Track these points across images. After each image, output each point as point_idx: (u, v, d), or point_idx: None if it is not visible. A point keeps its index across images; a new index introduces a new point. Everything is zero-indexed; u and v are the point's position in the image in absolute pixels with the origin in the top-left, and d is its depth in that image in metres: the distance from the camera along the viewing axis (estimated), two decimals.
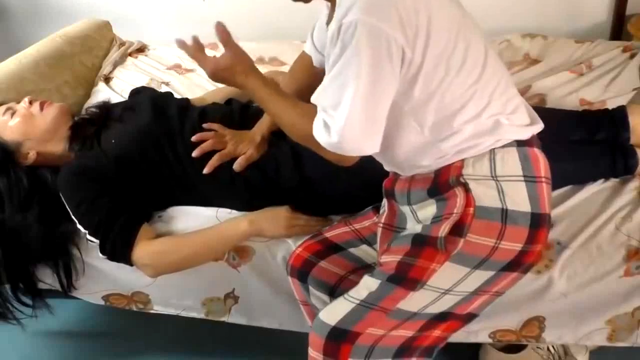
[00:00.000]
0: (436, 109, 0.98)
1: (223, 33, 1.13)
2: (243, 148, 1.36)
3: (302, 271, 1.25)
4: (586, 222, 1.27)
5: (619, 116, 1.41)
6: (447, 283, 1.02)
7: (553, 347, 1.50)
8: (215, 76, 1.16)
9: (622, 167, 1.36)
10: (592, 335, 1.28)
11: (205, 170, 1.34)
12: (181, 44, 1.17)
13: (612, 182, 1.36)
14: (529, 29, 2.01)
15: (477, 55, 0.99)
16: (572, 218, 1.28)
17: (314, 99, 0.99)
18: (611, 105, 1.51)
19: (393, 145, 1.03)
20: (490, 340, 1.33)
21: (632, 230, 1.24)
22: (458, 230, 1.00)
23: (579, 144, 1.40)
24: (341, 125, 0.93)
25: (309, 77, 1.33)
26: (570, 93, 1.66)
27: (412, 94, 0.96)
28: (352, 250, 1.24)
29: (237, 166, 1.34)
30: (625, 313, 1.25)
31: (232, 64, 1.13)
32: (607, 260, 1.22)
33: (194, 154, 1.35)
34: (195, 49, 1.17)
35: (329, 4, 1.09)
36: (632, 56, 1.75)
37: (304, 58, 1.34)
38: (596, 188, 1.35)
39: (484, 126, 1.00)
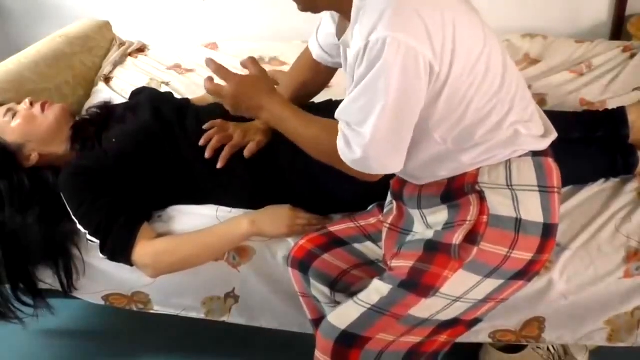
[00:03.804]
0: (460, 121, 0.97)
1: (249, 58, 1.20)
2: (251, 136, 1.36)
3: (303, 262, 1.24)
4: (586, 223, 1.27)
5: (618, 114, 1.41)
6: (459, 291, 1.02)
7: (553, 347, 1.50)
8: (237, 92, 1.15)
9: (622, 166, 1.36)
10: (592, 336, 1.28)
11: (219, 165, 1.34)
12: (208, 61, 1.19)
13: (612, 182, 1.36)
14: (529, 29, 2.01)
15: (497, 62, 0.97)
16: (572, 219, 1.28)
17: (337, 114, 0.98)
18: (611, 105, 1.51)
19: (411, 158, 1.01)
20: (490, 341, 1.33)
21: (631, 232, 1.24)
22: (472, 238, 1.00)
23: (578, 143, 1.40)
24: (367, 142, 0.92)
25: (313, 71, 1.35)
26: (570, 93, 1.66)
27: (437, 106, 0.94)
28: (356, 245, 1.24)
29: (247, 152, 1.33)
30: (625, 313, 1.25)
31: (259, 80, 1.16)
32: (607, 262, 1.22)
33: (207, 155, 1.34)
34: (220, 66, 1.19)
35: (338, 15, 1.07)
36: (632, 56, 1.76)
37: (308, 52, 1.34)
38: (596, 189, 1.35)
39: (503, 136, 0.99)
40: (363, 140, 0.92)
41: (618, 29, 2.26)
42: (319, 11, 1.02)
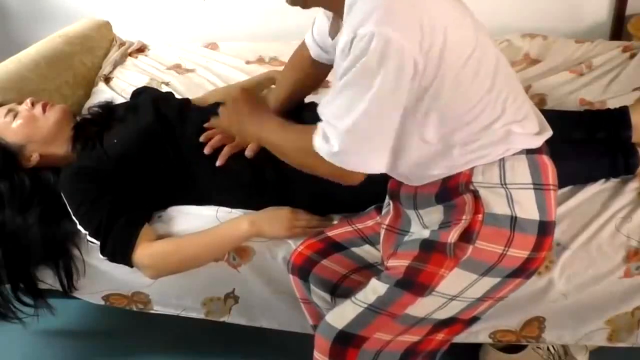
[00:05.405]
0: (448, 120, 0.97)
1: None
2: None
3: (303, 269, 1.24)
4: (586, 222, 1.27)
5: (620, 115, 1.41)
6: (455, 289, 1.01)
7: (553, 347, 1.50)
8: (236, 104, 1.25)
9: (622, 166, 1.36)
10: (592, 336, 1.28)
11: (218, 163, 1.34)
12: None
13: (612, 182, 1.36)
14: (529, 29, 2.01)
15: (488, 64, 0.97)
16: (572, 218, 1.28)
17: (320, 108, 0.98)
18: (611, 105, 1.51)
19: (401, 158, 1.02)
20: (490, 341, 1.33)
21: (632, 231, 1.24)
22: (467, 236, 1.00)
23: (579, 143, 1.40)
24: (344, 136, 0.92)
25: (308, 67, 1.34)
26: (570, 93, 1.66)
27: (423, 105, 0.94)
28: (354, 249, 1.24)
29: (249, 151, 1.34)
30: (625, 313, 1.25)
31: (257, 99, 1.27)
32: (607, 261, 1.22)
33: (206, 150, 1.35)
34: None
35: (331, 14, 1.07)
36: (632, 56, 1.76)
37: (303, 49, 1.34)
38: (596, 188, 1.35)
39: (495, 136, 0.99)
40: (342, 133, 0.92)
41: (618, 29, 2.27)
42: (308, 7, 1.01)
